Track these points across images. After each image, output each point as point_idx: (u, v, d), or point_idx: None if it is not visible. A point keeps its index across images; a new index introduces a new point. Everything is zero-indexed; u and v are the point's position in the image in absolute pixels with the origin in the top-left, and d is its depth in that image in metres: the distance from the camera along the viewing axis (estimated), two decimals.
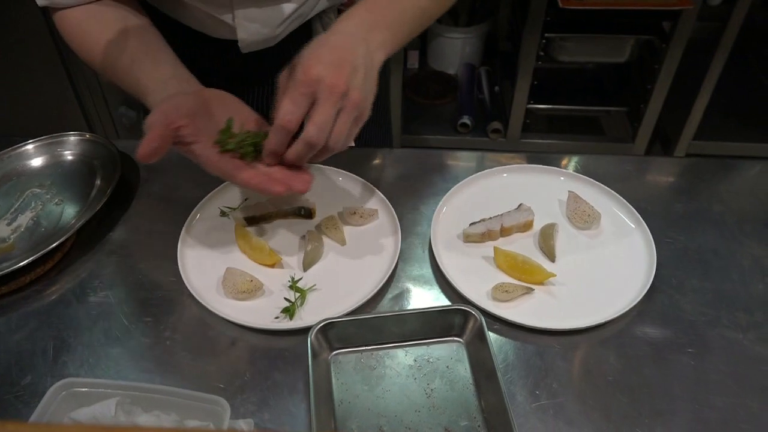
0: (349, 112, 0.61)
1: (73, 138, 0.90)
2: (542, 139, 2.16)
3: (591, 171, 0.88)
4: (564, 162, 0.89)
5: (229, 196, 0.83)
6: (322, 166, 0.85)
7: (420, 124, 2.20)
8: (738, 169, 0.90)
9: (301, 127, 0.62)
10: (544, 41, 1.90)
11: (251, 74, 0.71)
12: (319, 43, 0.63)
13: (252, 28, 0.82)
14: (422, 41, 2.31)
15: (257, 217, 0.79)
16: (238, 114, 0.69)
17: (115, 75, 0.77)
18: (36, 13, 1.73)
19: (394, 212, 0.79)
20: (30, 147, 0.89)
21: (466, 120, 2.12)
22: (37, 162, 0.89)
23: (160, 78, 0.72)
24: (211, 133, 0.66)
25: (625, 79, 2.17)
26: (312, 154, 0.64)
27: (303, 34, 0.88)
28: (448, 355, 0.66)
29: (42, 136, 0.90)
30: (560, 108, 2.18)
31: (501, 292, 0.70)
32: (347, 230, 0.79)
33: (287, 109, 0.60)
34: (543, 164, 0.88)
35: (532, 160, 0.89)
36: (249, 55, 0.86)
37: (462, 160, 0.91)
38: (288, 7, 0.82)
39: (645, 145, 2.11)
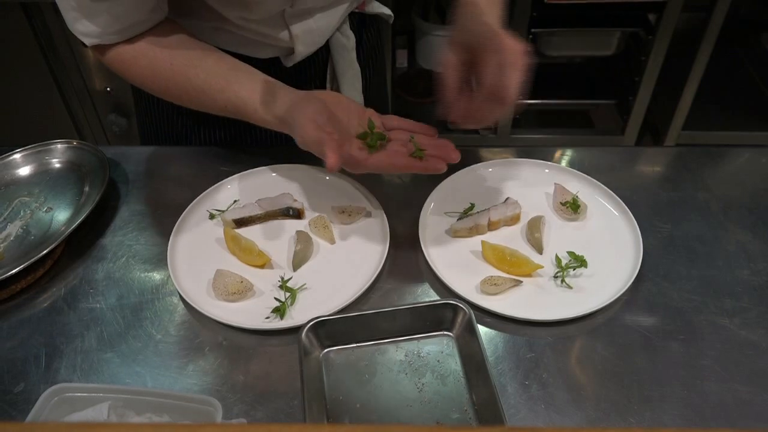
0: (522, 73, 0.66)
1: (60, 146, 0.90)
2: (533, 134, 2.17)
3: (577, 163, 0.88)
4: (557, 154, 0.89)
5: (218, 199, 0.83)
6: (305, 165, 0.86)
7: None
8: (722, 157, 0.91)
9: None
10: (531, 36, 1.90)
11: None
12: (485, 17, 0.71)
13: (308, 39, 0.84)
14: (410, 40, 2.31)
15: (246, 218, 0.79)
16: (355, 110, 0.73)
17: (192, 96, 0.77)
18: (22, 21, 1.72)
19: (382, 209, 0.80)
20: (17, 156, 0.89)
21: None
22: (25, 171, 0.88)
23: (264, 89, 0.73)
24: (346, 135, 0.70)
25: (612, 72, 2.17)
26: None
27: (323, 47, 0.90)
28: (438, 349, 0.66)
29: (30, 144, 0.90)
30: (549, 102, 2.19)
31: (490, 286, 0.70)
32: (336, 229, 0.79)
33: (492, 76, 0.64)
34: (529, 158, 0.88)
35: (521, 156, 0.89)
36: (286, 71, 0.87)
37: None
38: (339, 11, 0.84)
39: (635, 136, 2.12)
